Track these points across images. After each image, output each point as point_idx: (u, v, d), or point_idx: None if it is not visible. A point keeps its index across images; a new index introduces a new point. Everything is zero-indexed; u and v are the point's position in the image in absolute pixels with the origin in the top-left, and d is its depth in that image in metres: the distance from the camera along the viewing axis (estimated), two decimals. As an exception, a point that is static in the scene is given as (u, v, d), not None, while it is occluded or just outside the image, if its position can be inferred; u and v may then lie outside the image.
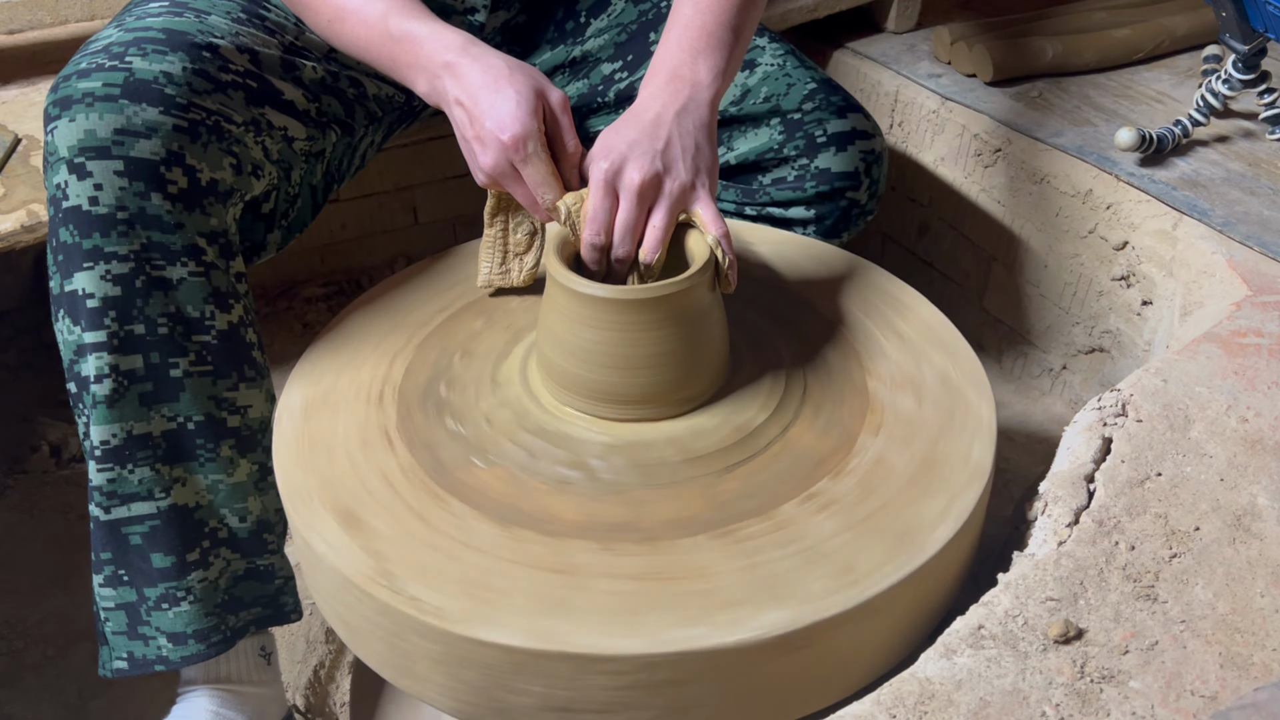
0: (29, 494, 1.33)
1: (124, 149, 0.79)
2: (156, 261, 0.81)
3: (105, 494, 0.84)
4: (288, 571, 0.93)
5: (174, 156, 0.81)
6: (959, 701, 0.63)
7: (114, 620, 0.87)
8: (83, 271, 0.80)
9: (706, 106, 0.81)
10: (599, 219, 0.77)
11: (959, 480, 0.76)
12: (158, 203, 0.80)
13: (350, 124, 1.02)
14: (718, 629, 0.65)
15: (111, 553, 0.85)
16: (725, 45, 0.84)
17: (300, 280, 1.65)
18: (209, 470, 0.86)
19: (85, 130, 0.78)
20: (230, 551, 0.88)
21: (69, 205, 0.80)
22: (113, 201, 0.79)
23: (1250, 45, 1.12)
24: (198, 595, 0.86)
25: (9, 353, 1.50)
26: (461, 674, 0.69)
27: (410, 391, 0.84)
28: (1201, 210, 1.13)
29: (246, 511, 0.88)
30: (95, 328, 0.81)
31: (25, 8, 1.30)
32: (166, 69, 0.82)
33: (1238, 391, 0.86)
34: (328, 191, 1.05)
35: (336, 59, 1.00)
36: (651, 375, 0.78)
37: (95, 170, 0.78)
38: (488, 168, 0.80)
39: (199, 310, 0.84)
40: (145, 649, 0.87)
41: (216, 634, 0.87)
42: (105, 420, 0.82)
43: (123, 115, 0.79)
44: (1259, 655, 0.66)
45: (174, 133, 0.80)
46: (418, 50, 0.84)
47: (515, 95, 0.78)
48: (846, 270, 0.96)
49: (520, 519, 0.73)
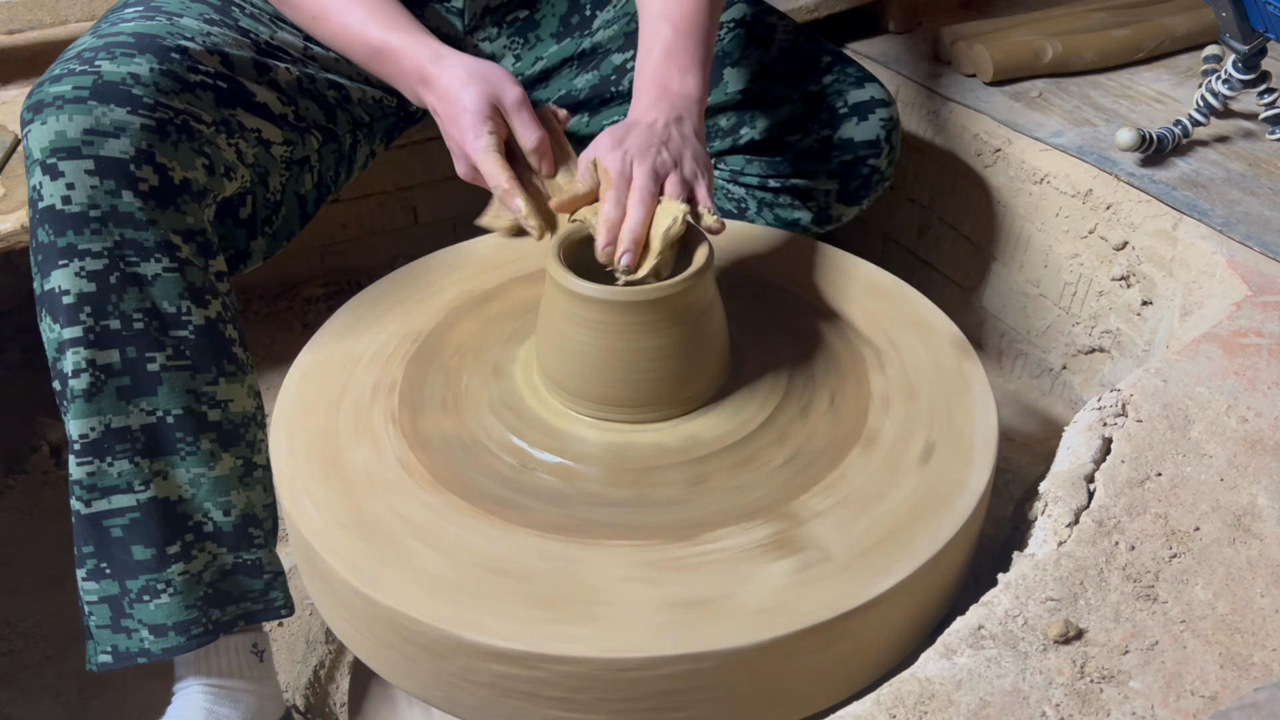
0: (29, 494, 1.33)
1: (94, 148, 0.81)
2: (130, 258, 0.83)
3: (85, 488, 0.85)
4: (277, 567, 0.93)
5: (144, 155, 0.83)
6: (959, 701, 0.63)
7: (98, 614, 0.87)
8: (59, 269, 0.82)
9: (699, 118, 0.87)
10: (617, 191, 0.80)
11: (959, 480, 0.76)
12: (129, 200, 0.82)
13: (332, 129, 1.02)
14: (720, 630, 0.65)
15: (93, 546, 0.86)
16: (705, 65, 0.91)
17: (300, 280, 1.65)
18: (190, 464, 0.87)
19: (56, 132, 0.81)
20: (215, 545, 0.89)
21: (44, 205, 0.82)
22: (85, 200, 0.81)
23: (1250, 45, 1.12)
24: (178, 587, 0.86)
25: (9, 353, 1.50)
26: (465, 676, 0.69)
27: (410, 391, 0.84)
28: (1201, 210, 1.13)
29: (231, 505, 0.89)
30: (72, 323, 0.83)
31: (25, 8, 1.30)
32: (134, 70, 0.84)
33: (1238, 391, 0.86)
34: (319, 201, 1.06)
35: (315, 60, 1.01)
36: (651, 376, 0.78)
37: (67, 170, 0.81)
38: (460, 173, 0.90)
39: (175, 305, 0.85)
40: (129, 641, 0.87)
41: (197, 626, 0.87)
42: (83, 414, 0.84)
43: (91, 116, 0.81)
44: (1259, 655, 0.66)
45: (142, 131, 0.82)
46: (399, 62, 0.90)
47: (468, 105, 0.86)
48: (846, 269, 0.97)
49: (523, 519, 0.73)
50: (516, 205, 0.85)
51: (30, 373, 1.47)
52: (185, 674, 0.92)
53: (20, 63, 1.31)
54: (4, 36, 1.35)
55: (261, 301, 1.62)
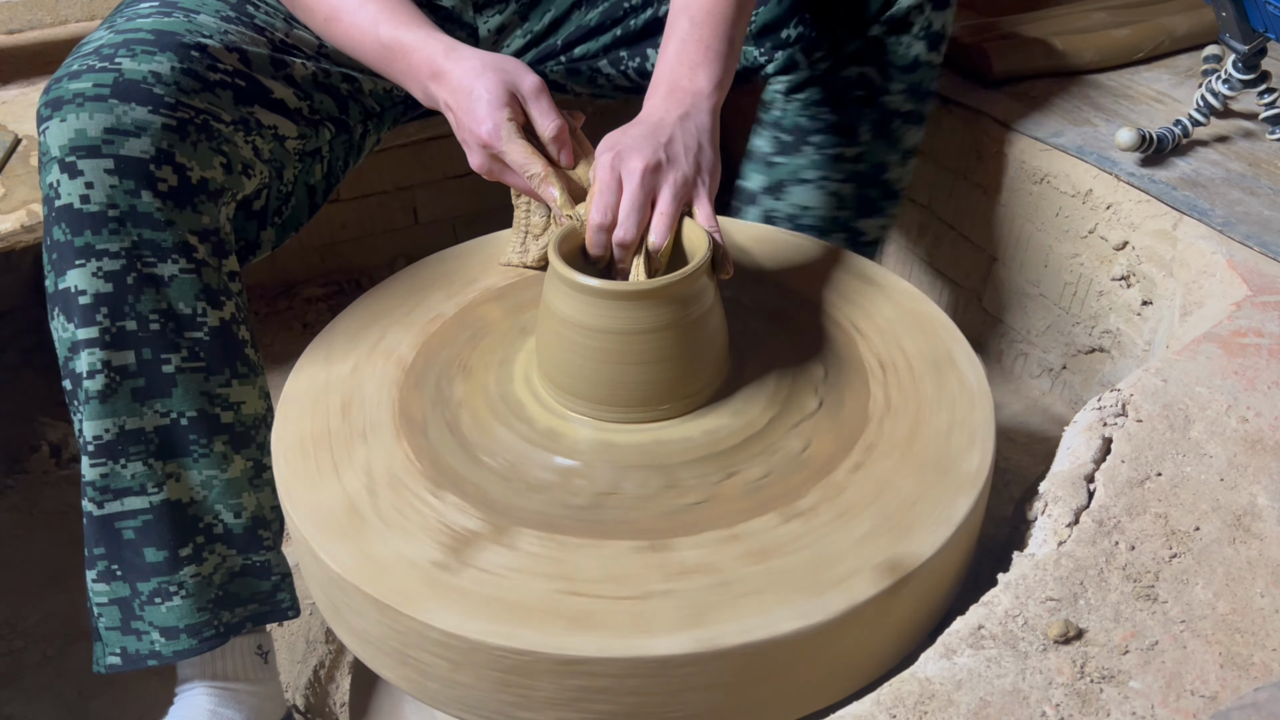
0: (29, 494, 1.33)
1: (114, 148, 0.80)
2: (148, 258, 0.82)
3: (98, 489, 0.85)
4: (284, 568, 0.93)
5: (164, 155, 0.82)
6: (959, 701, 0.63)
7: (107, 615, 0.87)
8: (75, 269, 0.81)
9: (708, 114, 0.83)
10: (605, 198, 0.77)
11: (959, 479, 0.75)
12: (148, 200, 0.81)
13: (345, 120, 1.02)
14: (723, 630, 0.65)
15: (104, 548, 0.86)
16: (722, 57, 0.86)
17: (300, 280, 1.66)
18: (203, 466, 0.87)
19: (76, 130, 0.80)
20: (225, 547, 0.89)
21: (61, 204, 0.81)
22: (104, 199, 0.80)
23: (1250, 45, 1.12)
24: (190, 590, 0.86)
25: (9, 353, 1.50)
26: (471, 678, 0.69)
27: (410, 390, 0.84)
28: (1201, 210, 1.13)
29: (241, 507, 0.88)
30: (88, 324, 0.82)
31: (25, 8, 1.30)
32: (155, 69, 0.83)
33: (1238, 391, 0.86)
34: (328, 191, 1.06)
35: (328, 55, 1.01)
36: (651, 372, 0.77)
37: (86, 169, 0.80)
38: (475, 166, 0.84)
39: (190, 307, 0.85)
40: (139, 644, 0.87)
41: (209, 629, 0.87)
42: (98, 415, 0.83)
43: (112, 115, 0.80)
44: (1259, 655, 0.66)
45: (163, 131, 0.82)
46: (409, 59, 0.86)
47: (484, 94, 0.81)
48: (845, 268, 0.97)
49: (522, 518, 0.73)
50: (552, 194, 0.80)
51: (30, 373, 1.48)
52: (190, 675, 0.92)
53: (20, 63, 1.32)
54: (4, 36, 1.35)
55: (261, 301, 1.62)
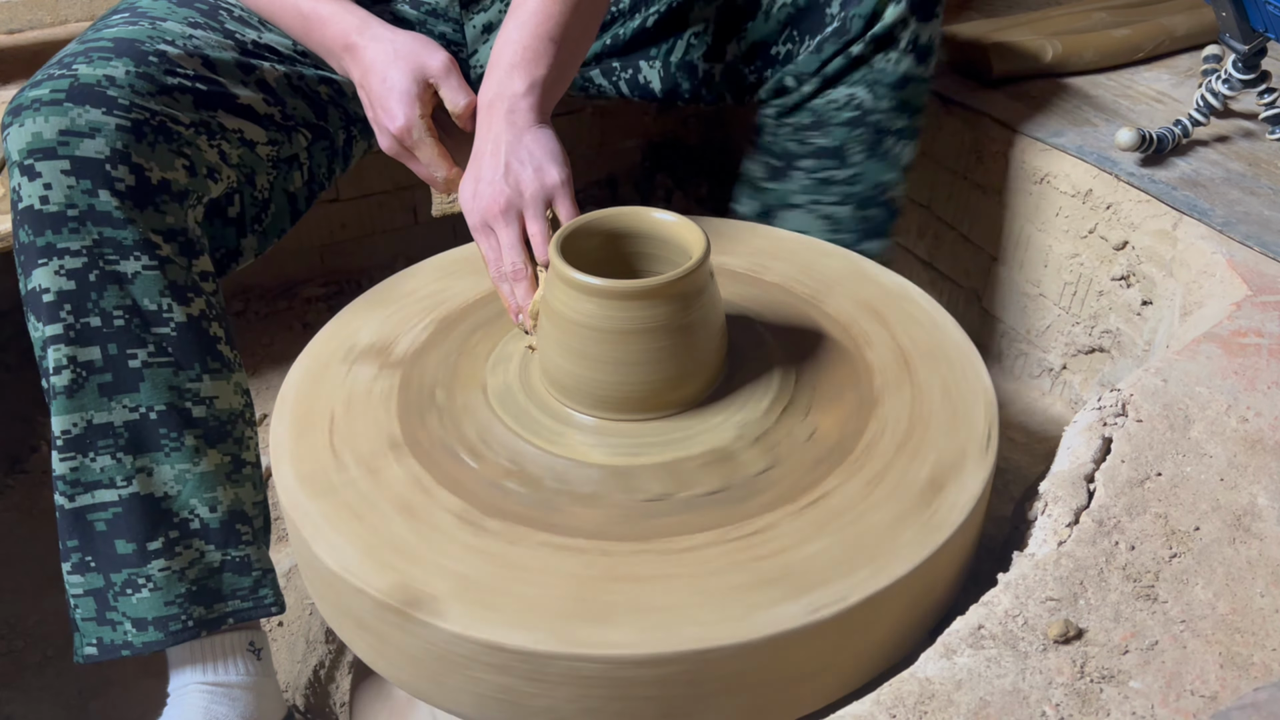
0: (29, 494, 1.33)
1: (69, 149, 0.82)
2: (109, 256, 0.84)
3: (69, 482, 0.86)
4: (266, 564, 0.93)
5: (119, 155, 0.83)
6: (959, 701, 0.63)
7: (83, 606, 0.88)
8: (39, 268, 0.83)
9: (528, 113, 0.86)
10: (490, 257, 0.84)
11: (959, 479, 0.75)
12: (106, 199, 0.83)
13: (323, 126, 1.03)
14: (724, 629, 0.65)
15: (78, 540, 0.87)
16: (543, 56, 0.88)
17: (300, 280, 1.66)
18: (175, 460, 0.87)
19: (33, 133, 0.82)
20: (202, 542, 0.89)
21: (23, 206, 0.83)
22: (62, 199, 0.82)
23: (1250, 45, 1.12)
24: (159, 583, 0.87)
25: (9, 353, 1.50)
26: (479, 679, 0.68)
27: (410, 389, 0.84)
28: (1201, 210, 1.13)
29: (217, 502, 0.89)
30: (53, 321, 0.84)
31: (25, 8, 1.30)
32: (109, 73, 0.85)
33: (1238, 391, 0.86)
34: (311, 198, 1.06)
35: (307, 57, 1.01)
36: (648, 371, 0.77)
37: (44, 170, 0.82)
38: (385, 149, 0.90)
39: (156, 303, 0.86)
40: (113, 634, 0.88)
41: (176, 623, 0.88)
42: (65, 410, 0.85)
43: (67, 117, 0.82)
44: (1259, 655, 0.66)
45: (118, 132, 0.83)
46: (324, 31, 0.91)
47: (396, 84, 0.86)
48: (844, 267, 0.97)
49: (522, 519, 0.73)
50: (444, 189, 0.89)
51: (30, 373, 1.47)
52: (182, 674, 0.92)
53: (20, 63, 1.32)
54: (4, 36, 1.35)
55: (261, 301, 1.62)
